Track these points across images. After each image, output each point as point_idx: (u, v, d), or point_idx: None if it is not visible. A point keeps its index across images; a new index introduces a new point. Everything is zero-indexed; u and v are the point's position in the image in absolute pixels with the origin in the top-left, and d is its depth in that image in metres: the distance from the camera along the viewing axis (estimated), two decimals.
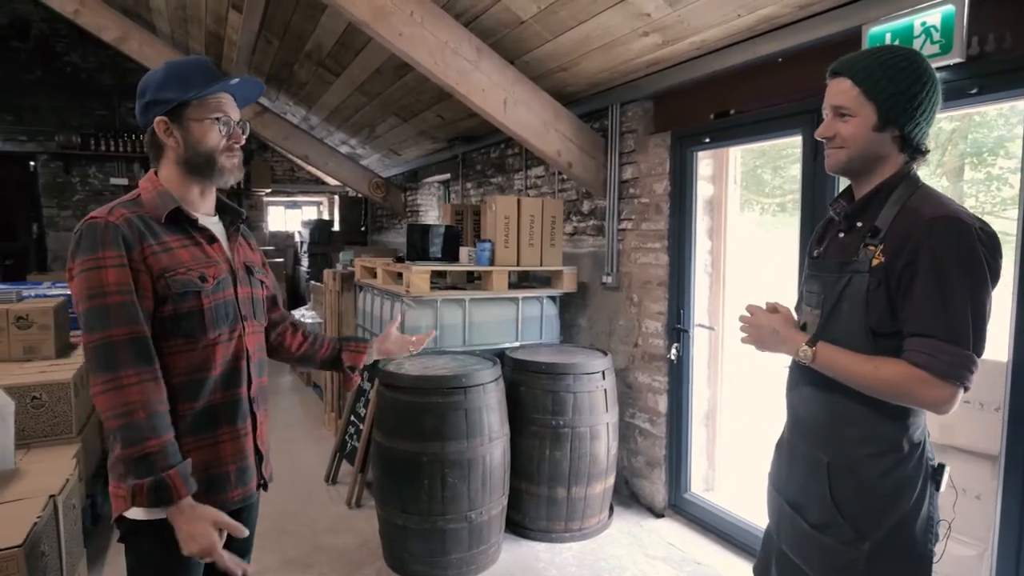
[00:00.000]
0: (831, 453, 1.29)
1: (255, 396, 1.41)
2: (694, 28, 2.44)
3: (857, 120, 1.24)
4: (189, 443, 1.30)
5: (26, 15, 7.16)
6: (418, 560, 2.58)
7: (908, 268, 1.17)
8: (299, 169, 9.02)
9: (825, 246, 1.40)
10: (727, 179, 3.11)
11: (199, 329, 1.30)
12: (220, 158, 1.34)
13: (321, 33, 3.98)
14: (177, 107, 1.30)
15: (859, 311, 1.23)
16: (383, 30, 2.73)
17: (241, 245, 1.48)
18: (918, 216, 1.19)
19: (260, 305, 1.48)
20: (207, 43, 5.23)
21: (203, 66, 1.35)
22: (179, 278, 1.27)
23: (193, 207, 1.36)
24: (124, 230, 1.24)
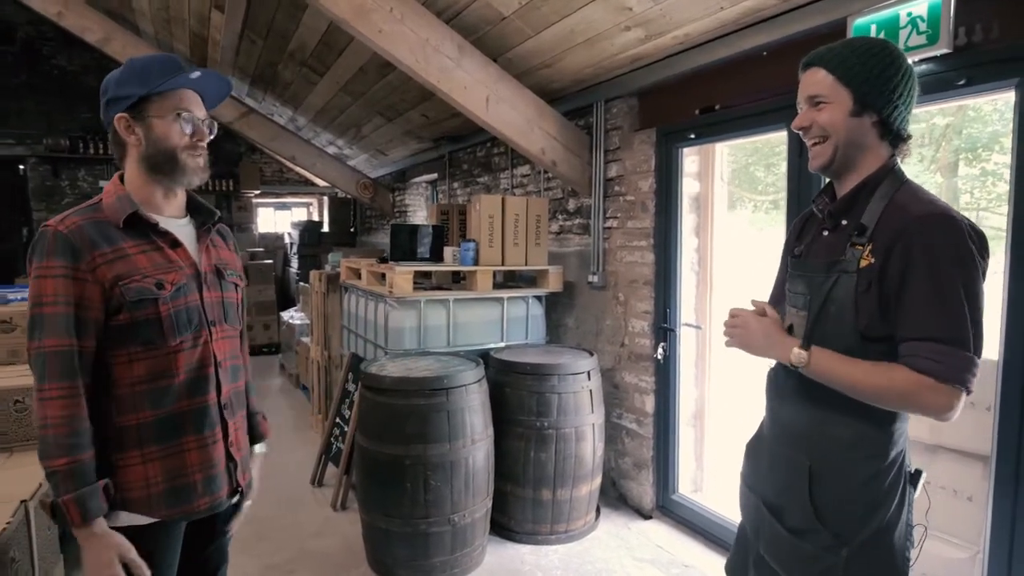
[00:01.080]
0: (813, 457, 1.25)
1: (226, 403, 1.38)
2: (677, 22, 2.40)
3: (833, 106, 1.21)
4: (153, 451, 1.27)
5: (10, 18, 7.08)
6: (401, 564, 2.53)
7: (901, 268, 1.13)
8: (288, 170, 8.96)
9: (808, 244, 1.35)
10: (713, 176, 3.07)
11: (158, 336, 1.26)
12: (183, 156, 1.29)
13: (304, 32, 3.93)
14: (138, 103, 1.27)
15: (848, 313, 1.19)
16: (363, 28, 2.69)
17: (216, 247, 1.44)
18: (907, 213, 1.15)
19: (233, 309, 1.44)
20: (191, 44, 5.18)
21: (164, 61, 1.30)
22: (133, 285, 1.23)
23: (157, 209, 1.33)
24: (72, 239, 1.20)
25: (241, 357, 1.50)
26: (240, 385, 1.47)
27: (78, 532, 1.18)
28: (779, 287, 1.51)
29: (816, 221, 1.36)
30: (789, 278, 1.37)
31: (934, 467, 2.20)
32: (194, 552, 1.42)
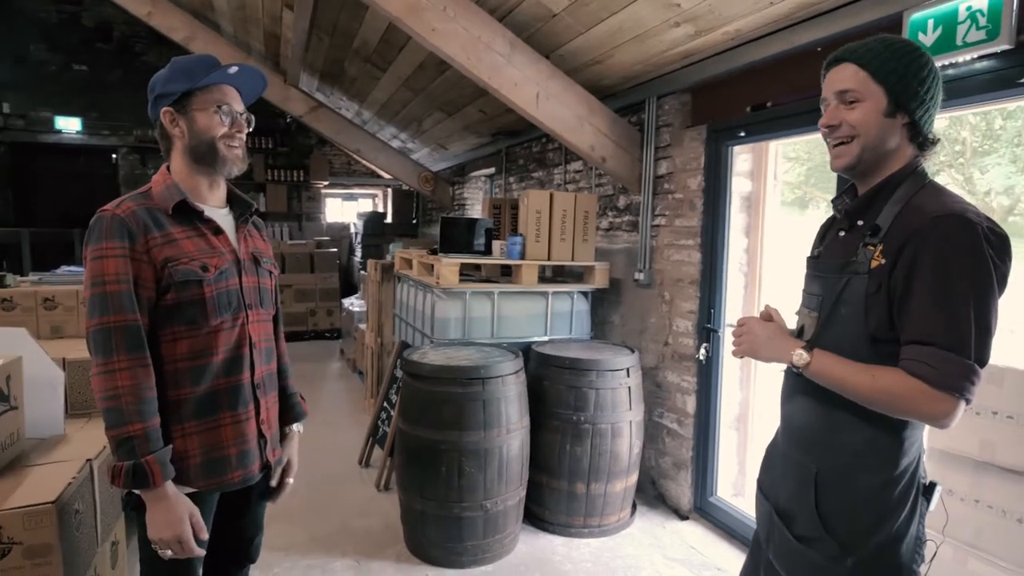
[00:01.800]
0: (821, 463, 1.24)
1: (259, 383, 1.46)
2: (726, 17, 2.36)
3: (866, 104, 1.16)
4: (192, 426, 1.36)
5: (108, 19, 7.67)
6: (435, 545, 2.63)
7: (908, 269, 1.10)
8: (355, 163, 9.28)
9: (826, 245, 1.34)
10: (766, 175, 2.99)
11: (201, 316, 1.35)
12: (221, 145, 1.38)
13: (366, 30, 4.09)
14: (181, 98, 1.37)
15: (858, 315, 1.16)
16: (416, 25, 2.78)
17: (251, 236, 1.53)
18: (922, 214, 1.11)
19: (268, 294, 1.52)
20: (266, 42, 5.46)
21: (205, 60, 1.40)
22: (181, 267, 1.32)
23: (201, 199, 1.43)
24: (128, 222, 1.30)
25: (274, 340, 1.58)
26: (273, 367, 1.55)
27: (153, 492, 1.27)
28: None
29: (836, 223, 1.34)
30: (806, 279, 1.36)
31: (982, 485, 2.09)
32: (229, 522, 1.52)
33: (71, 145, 7.83)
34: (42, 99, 7.62)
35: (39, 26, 7.55)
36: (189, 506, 1.32)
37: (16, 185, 7.59)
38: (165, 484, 1.27)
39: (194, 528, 1.32)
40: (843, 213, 1.28)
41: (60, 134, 7.75)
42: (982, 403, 2.08)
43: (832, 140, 1.22)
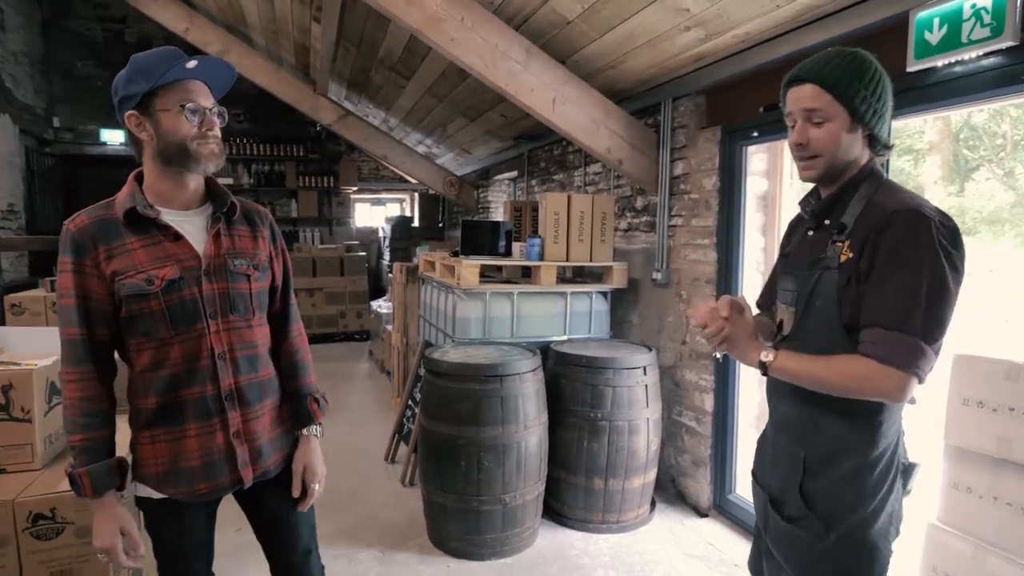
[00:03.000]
0: (808, 449, 1.31)
1: (229, 394, 1.38)
2: (735, 21, 2.41)
3: (831, 125, 1.24)
4: (160, 434, 1.36)
5: (149, 35, 8.02)
6: (455, 537, 2.72)
7: (869, 260, 1.19)
8: (383, 168, 9.48)
9: (795, 244, 1.42)
10: (782, 174, 3.01)
11: (153, 329, 1.31)
12: (192, 145, 1.30)
13: (390, 40, 4.22)
14: (145, 99, 1.28)
15: (832, 307, 1.25)
16: (435, 36, 2.89)
17: (233, 235, 1.42)
18: (882, 210, 1.20)
19: (243, 299, 1.41)
20: (296, 54, 5.66)
21: (164, 54, 1.30)
22: (127, 281, 1.28)
23: (169, 202, 1.35)
24: (77, 237, 1.28)
25: (259, 345, 1.46)
26: (261, 375, 1.45)
27: (89, 502, 1.30)
28: (769, 287, 1.59)
29: (804, 222, 1.42)
30: (780, 276, 1.44)
31: (1001, 483, 2.08)
32: (261, 533, 1.57)
33: (115, 156, 8.19)
34: (89, 113, 8.00)
35: (86, 44, 7.94)
36: (123, 521, 1.32)
37: (65, 194, 7.98)
38: (103, 496, 1.29)
39: (128, 542, 1.32)
40: (810, 214, 1.37)
41: (105, 146, 8.13)
42: (998, 400, 2.08)
43: (800, 155, 1.30)
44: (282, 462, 1.51)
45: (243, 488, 1.43)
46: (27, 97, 7.25)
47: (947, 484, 2.22)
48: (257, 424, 1.43)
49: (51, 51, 7.78)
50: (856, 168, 1.28)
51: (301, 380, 1.57)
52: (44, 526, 1.66)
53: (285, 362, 1.57)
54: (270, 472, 1.47)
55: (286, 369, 1.57)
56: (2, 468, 1.77)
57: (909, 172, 5.19)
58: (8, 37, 6.82)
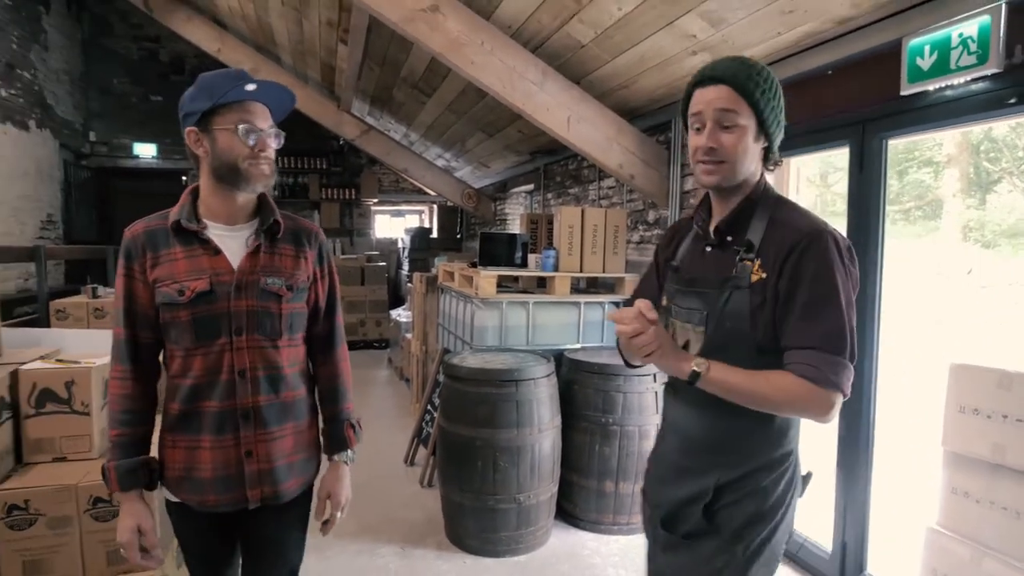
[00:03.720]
0: (719, 467, 1.28)
1: (247, 412, 1.37)
2: (739, 46, 2.55)
3: (740, 131, 1.19)
4: (180, 440, 1.39)
5: (181, 54, 8.36)
6: (472, 535, 2.85)
7: (790, 282, 1.18)
8: (403, 181, 9.71)
9: (692, 260, 1.36)
10: (787, 190, 3.13)
11: (182, 338, 1.36)
12: (243, 165, 1.32)
13: (413, 60, 4.42)
14: (205, 117, 1.32)
15: (744, 327, 1.22)
16: (457, 60, 3.07)
17: (275, 253, 1.42)
18: (795, 231, 1.20)
19: (270, 319, 1.40)
20: (322, 72, 5.90)
21: (229, 75, 1.34)
22: (163, 290, 1.33)
23: (217, 216, 1.39)
24: (130, 244, 1.36)
25: (284, 367, 1.43)
26: (283, 397, 1.43)
27: (115, 495, 1.38)
28: (648, 292, 1.49)
29: (694, 236, 1.38)
30: (679, 294, 1.36)
31: (997, 487, 2.16)
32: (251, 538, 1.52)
33: (147, 168, 8.53)
34: (123, 127, 8.35)
35: (123, 62, 8.30)
36: (141, 518, 1.35)
37: (99, 205, 8.31)
38: (127, 492, 1.34)
39: (145, 540, 1.36)
40: (706, 229, 1.33)
41: (138, 159, 8.46)
42: (992, 407, 2.16)
43: (703, 158, 1.23)
44: (299, 488, 1.47)
45: (247, 508, 1.41)
46: (66, 113, 7.60)
47: (946, 489, 2.29)
48: (274, 446, 1.41)
49: (89, 69, 8.15)
50: (753, 182, 1.26)
51: (339, 405, 1.56)
52: (102, 508, 1.83)
53: (324, 385, 1.55)
54: (283, 496, 1.44)
55: (324, 392, 1.55)
56: (63, 456, 1.94)
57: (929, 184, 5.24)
58: (51, 56, 7.18)
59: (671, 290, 1.38)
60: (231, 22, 5.79)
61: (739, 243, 1.26)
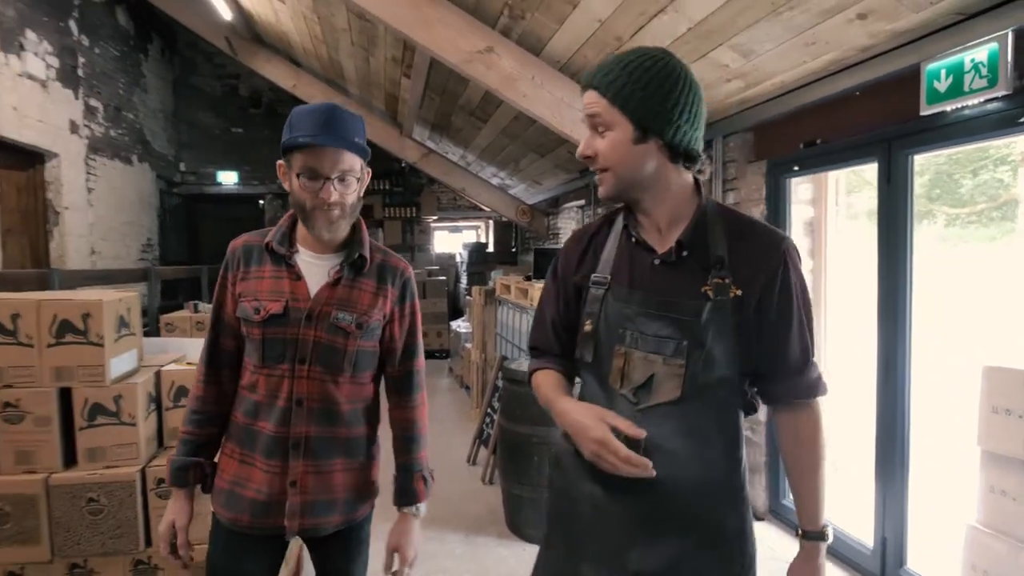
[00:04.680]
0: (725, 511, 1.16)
1: (297, 442, 1.35)
2: (768, 73, 2.75)
3: (614, 134, 1.10)
4: (236, 451, 1.40)
5: (259, 89, 9.12)
6: (530, 525, 3.13)
7: (779, 299, 1.11)
8: (460, 198, 10.16)
9: (636, 276, 1.16)
10: (827, 202, 3.28)
11: (252, 355, 1.38)
12: (311, 212, 1.31)
13: (470, 91, 4.79)
14: (286, 152, 1.31)
15: (733, 354, 1.11)
16: (510, 94, 3.39)
17: (355, 287, 1.39)
18: (767, 243, 1.13)
19: (333, 354, 1.36)
20: (386, 102, 6.38)
21: (313, 112, 1.29)
22: (243, 304, 1.36)
23: (307, 243, 1.40)
24: (230, 255, 1.41)
25: (342, 403, 1.39)
26: (338, 432, 1.39)
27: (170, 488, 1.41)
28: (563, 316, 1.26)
29: (627, 246, 1.19)
30: (640, 318, 1.13)
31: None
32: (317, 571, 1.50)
33: (228, 194, 9.31)
34: (208, 157, 9.17)
35: (207, 98, 9.13)
36: (179, 516, 1.38)
37: (188, 228, 9.13)
38: (177, 489, 1.39)
39: (176, 538, 1.38)
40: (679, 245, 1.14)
41: (220, 185, 9.25)
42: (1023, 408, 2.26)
43: (593, 167, 1.16)
44: (342, 524, 1.42)
45: (284, 537, 1.37)
46: (161, 147, 8.43)
47: (984, 487, 2.38)
48: (321, 479, 1.37)
49: (179, 105, 9.01)
50: (686, 188, 1.16)
51: (412, 455, 1.51)
52: None
53: (398, 432, 1.52)
54: (322, 531, 1.40)
55: (398, 440, 1.52)
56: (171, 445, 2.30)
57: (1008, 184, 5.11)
58: (149, 97, 8.02)
59: (621, 313, 1.15)
60: (305, 61, 6.36)
61: (700, 258, 1.13)
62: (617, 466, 1.01)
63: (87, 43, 6.48)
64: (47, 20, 5.76)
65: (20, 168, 5.62)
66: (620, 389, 1.14)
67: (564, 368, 1.27)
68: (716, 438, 1.13)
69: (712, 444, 1.12)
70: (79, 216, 6.19)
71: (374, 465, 1.51)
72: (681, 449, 1.10)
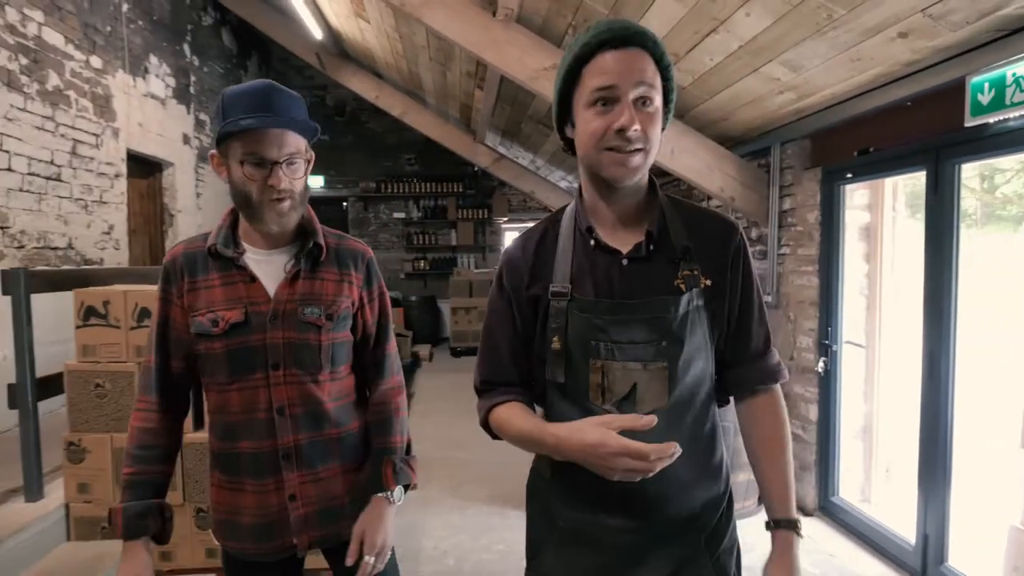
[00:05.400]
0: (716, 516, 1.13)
1: (287, 452, 1.25)
2: (818, 86, 2.88)
3: (658, 111, 0.98)
4: (223, 480, 1.29)
5: (343, 99, 9.81)
6: None
7: (740, 285, 1.09)
8: (530, 200, 10.48)
9: (601, 281, 1.06)
10: (883, 207, 3.34)
11: (217, 372, 1.25)
12: (257, 201, 1.17)
13: (538, 102, 5.09)
14: (223, 140, 1.17)
15: (705, 349, 1.06)
16: None
17: (316, 278, 1.29)
18: (719, 226, 1.09)
19: (308, 352, 1.26)
20: (460, 110, 6.78)
21: (247, 93, 1.16)
22: (198, 319, 1.23)
23: (254, 240, 1.27)
24: (169, 267, 1.26)
25: (326, 402, 1.29)
26: (327, 434, 1.30)
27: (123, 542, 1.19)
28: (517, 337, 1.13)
29: (584, 248, 1.08)
30: (612, 326, 1.03)
31: None
32: None
33: (315, 196, 9.99)
34: None
35: None
36: (142, 570, 1.18)
37: None
38: (130, 542, 1.18)
39: None
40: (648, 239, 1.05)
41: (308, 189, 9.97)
42: None
43: (626, 146, 0.96)
44: None
45: (296, 554, 1.30)
46: None
47: None
48: (319, 487, 1.29)
49: None
50: (646, 180, 1.08)
51: (384, 437, 1.39)
52: None
53: (371, 416, 1.41)
54: (335, 540, 1.33)
55: (372, 424, 1.40)
56: None
57: None
58: None
59: (590, 324, 1.03)
60: (387, 74, 6.86)
61: (667, 251, 1.05)
62: (651, 467, 0.89)
63: (197, 63, 7.27)
64: (166, 45, 6.54)
65: (142, 176, 6.41)
66: (603, 404, 1.04)
67: (525, 399, 1.13)
68: (703, 438, 1.09)
69: (701, 445, 1.09)
70: (189, 218, 6.96)
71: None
72: None
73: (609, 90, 0.95)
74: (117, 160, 5.61)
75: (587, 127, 0.98)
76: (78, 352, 2.63)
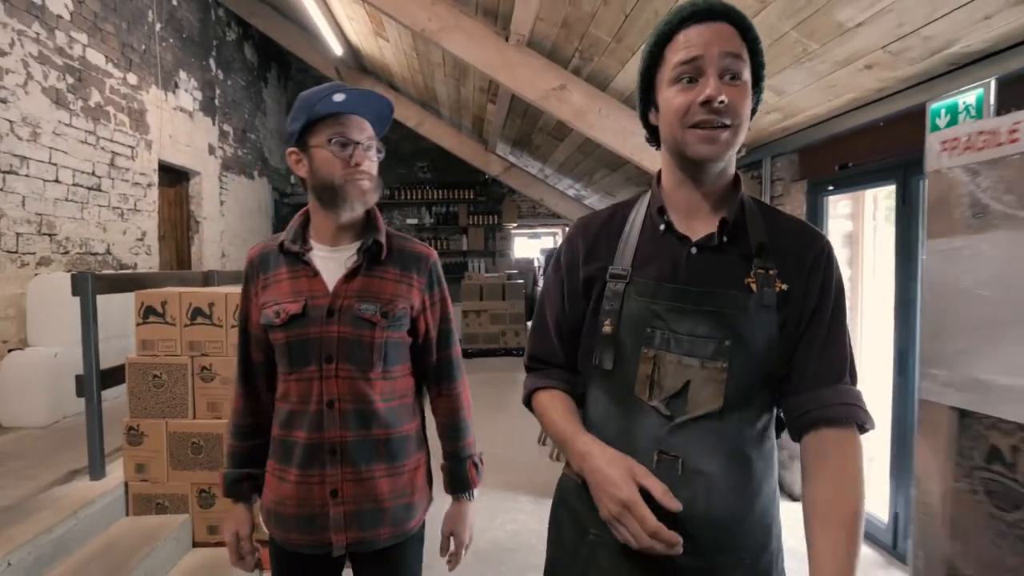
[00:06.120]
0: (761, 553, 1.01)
1: (334, 447, 1.27)
2: (800, 108, 3.18)
3: (744, 83, 0.92)
4: (275, 468, 1.33)
5: None
6: None
7: (819, 298, 0.96)
8: (539, 207, 10.80)
9: (666, 266, 1.00)
10: (864, 217, 3.63)
11: (281, 362, 1.32)
12: (340, 182, 1.24)
13: (547, 117, 5.41)
14: (303, 135, 1.26)
15: (769, 357, 0.95)
16: (579, 124, 3.97)
17: (377, 276, 1.31)
18: (807, 233, 1.00)
19: (360, 348, 1.28)
20: (473, 122, 7.12)
21: (323, 89, 1.23)
22: (265, 311, 1.30)
23: (322, 237, 1.33)
24: (248, 267, 1.35)
25: (376, 401, 1.29)
26: (373, 434, 1.30)
27: None
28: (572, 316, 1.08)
29: (653, 232, 1.02)
30: (672, 314, 0.97)
31: None
32: None
33: None
34: None
35: None
36: (240, 526, 1.37)
37: None
38: (232, 500, 1.38)
39: (241, 546, 1.37)
40: (722, 228, 0.98)
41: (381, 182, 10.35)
42: None
43: (711, 121, 0.91)
44: (393, 538, 1.33)
45: (332, 553, 1.29)
46: (276, 162, 9.61)
47: None
48: (363, 487, 1.29)
49: None
50: (732, 172, 1.01)
51: (460, 442, 1.45)
52: None
53: (442, 420, 1.46)
54: (371, 545, 1.31)
55: (443, 428, 1.46)
56: None
57: None
58: (267, 119, 9.20)
59: (647, 309, 0.98)
60: (403, 87, 7.21)
61: (741, 246, 0.98)
62: (640, 538, 0.85)
63: (222, 77, 7.65)
64: (194, 60, 6.92)
65: (170, 185, 6.79)
66: (649, 400, 0.96)
67: (571, 387, 1.09)
68: (757, 460, 0.96)
69: (752, 468, 0.96)
70: (213, 225, 7.33)
71: (422, 469, 1.41)
72: (720, 472, 0.94)
73: (693, 63, 0.91)
74: (150, 170, 5.98)
75: (670, 105, 0.93)
76: (137, 346, 2.96)
